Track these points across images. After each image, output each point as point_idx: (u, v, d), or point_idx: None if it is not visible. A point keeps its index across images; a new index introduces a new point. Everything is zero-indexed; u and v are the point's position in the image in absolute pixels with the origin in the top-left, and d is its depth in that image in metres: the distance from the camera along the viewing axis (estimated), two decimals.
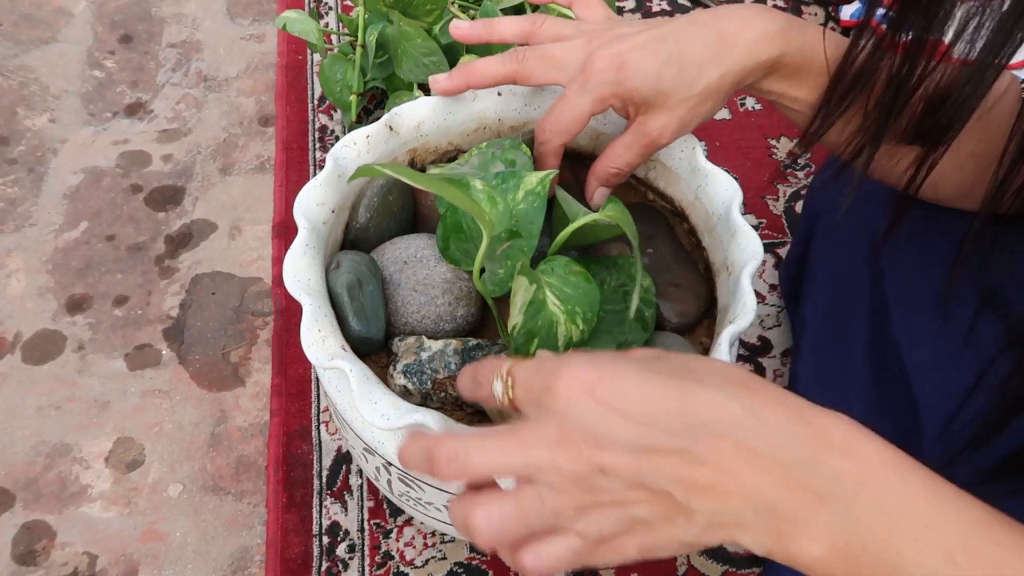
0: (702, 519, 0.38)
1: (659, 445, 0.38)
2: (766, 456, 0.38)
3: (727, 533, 0.39)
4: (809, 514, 0.38)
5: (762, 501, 0.38)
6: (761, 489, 0.38)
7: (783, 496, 0.38)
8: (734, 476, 0.38)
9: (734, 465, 0.38)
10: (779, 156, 1.04)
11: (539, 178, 0.60)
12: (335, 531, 0.72)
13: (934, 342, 0.60)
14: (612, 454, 0.38)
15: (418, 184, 0.50)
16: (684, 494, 0.38)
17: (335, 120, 1.03)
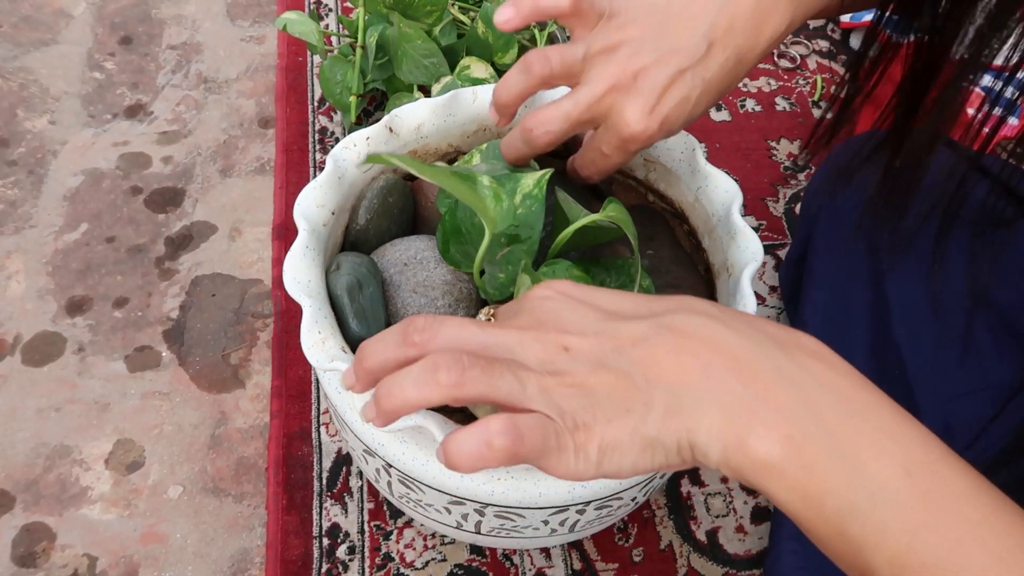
0: (660, 405, 0.37)
1: (623, 325, 0.39)
2: (730, 341, 0.38)
3: (684, 424, 0.37)
4: (769, 397, 0.37)
5: (720, 383, 0.37)
6: (721, 369, 0.37)
7: (744, 378, 0.37)
8: (695, 356, 0.37)
9: (696, 347, 0.38)
10: (779, 158, 1.04)
11: (535, 179, 0.59)
12: (335, 533, 0.72)
13: (935, 346, 0.60)
14: (577, 336, 0.39)
15: (424, 175, 0.50)
16: (642, 375, 0.38)
17: (335, 122, 1.03)
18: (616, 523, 0.74)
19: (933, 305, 0.61)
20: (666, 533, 0.74)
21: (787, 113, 1.09)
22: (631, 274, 0.61)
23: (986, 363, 0.57)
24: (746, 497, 0.77)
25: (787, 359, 0.38)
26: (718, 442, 0.37)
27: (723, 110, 1.09)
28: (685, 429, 0.37)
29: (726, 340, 0.38)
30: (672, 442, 0.37)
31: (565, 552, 0.72)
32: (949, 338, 0.59)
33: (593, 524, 0.61)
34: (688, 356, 0.37)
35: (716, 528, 0.75)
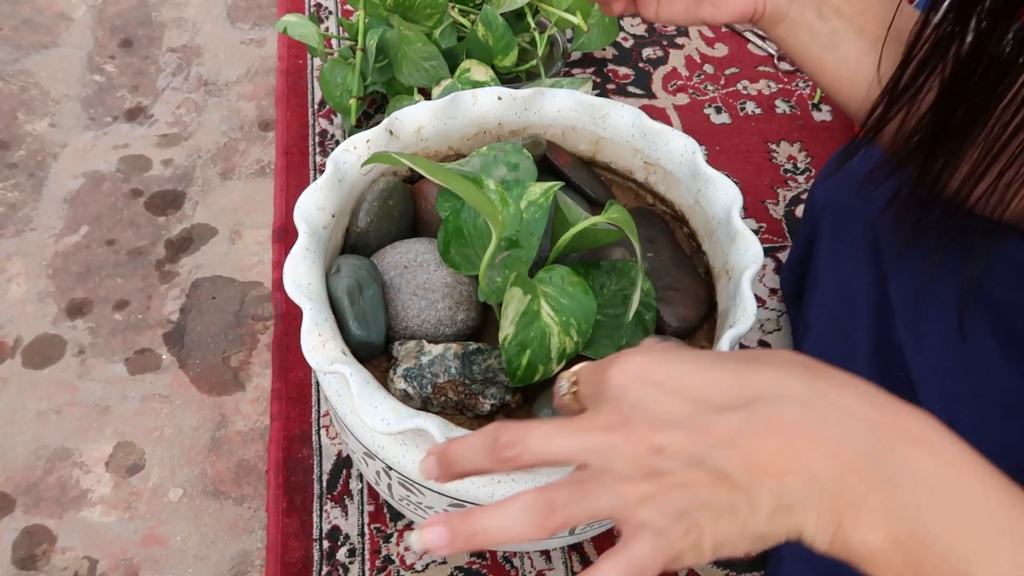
0: (766, 504, 0.36)
1: (715, 420, 0.37)
2: (830, 435, 0.37)
3: (792, 519, 0.36)
4: (874, 499, 0.36)
5: (825, 482, 0.36)
6: (824, 469, 0.36)
7: (847, 478, 0.36)
8: (795, 454, 0.36)
9: (795, 442, 0.36)
10: (779, 160, 1.04)
11: (543, 189, 0.60)
12: (335, 535, 0.72)
13: (939, 347, 0.59)
14: (667, 433, 0.38)
15: (432, 176, 0.50)
16: (744, 474, 0.36)
17: (335, 124, 1.03)
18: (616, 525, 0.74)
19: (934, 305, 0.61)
20: None
21: (787, 116, 1.09)
22: (632, 277, 0.61)
23: (991, 365, 0.57)
24: None
25: (889, 454, 0.37)
26: (825, 537, 0.37)
27: (723, 113, 1.09)
28: (793, 526, 0.37)
29: (824, 435, 0.37)
30: (782, 535, 0.37)
31: (565, 555, 0.72)
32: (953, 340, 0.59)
33: (593, 526, 0.61)
34: (788, 453, 0.36)
35: None
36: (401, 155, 0.51)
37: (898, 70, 0.55)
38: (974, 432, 0.53)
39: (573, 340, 0.56)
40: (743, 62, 1.16)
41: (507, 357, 0.54)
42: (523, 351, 0.54)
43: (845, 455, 0.36)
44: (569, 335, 0.55)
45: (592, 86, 1.05)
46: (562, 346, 0.55)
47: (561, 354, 0.56)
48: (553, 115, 0.70)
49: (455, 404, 0.57)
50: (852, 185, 0.72)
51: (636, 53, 1.16)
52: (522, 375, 0.55)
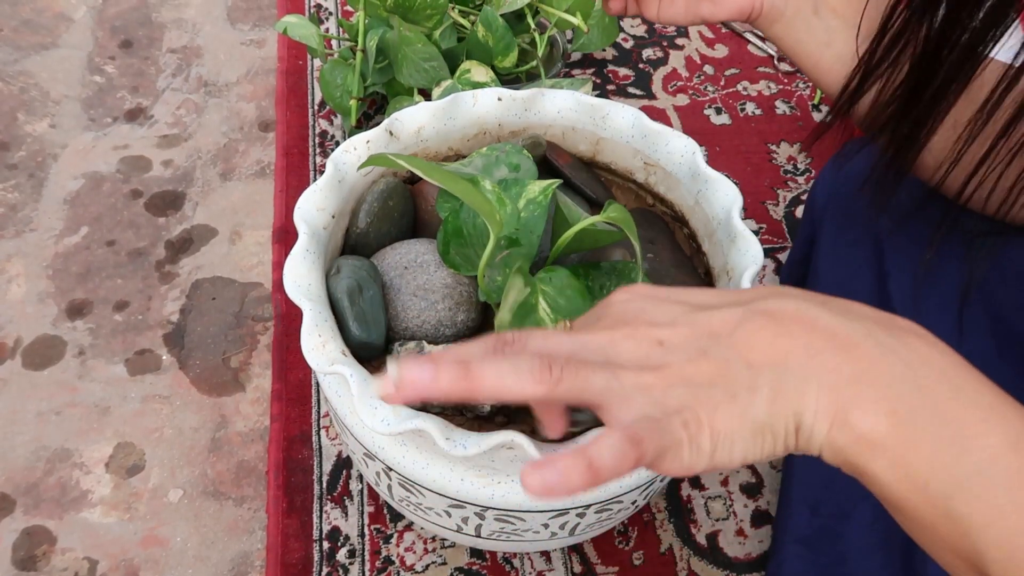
0: (765, 388, 0.36)
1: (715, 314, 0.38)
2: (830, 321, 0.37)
3: (790, 403, 0.36)
4: (873, 373, 0.36)
5: (826, 360, 0.36)
6: (824, 349, 0.36)
7: (846, 358, 0.36)
8: (795, 338, 0.37)
9: (794, 329, 0.37)
10: (779, 161, 1.04)
11: (542, 187, 0.60)
12: (335, 536, 0.72)
13: None
14: (669, 329, 0.38)
15: (429, 177, 0.50)
16: (743, 360, 0.37)
17: (335, 125, 1.03)
18: (616, 526, 0.74)
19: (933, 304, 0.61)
20: (666, 536, 0.74)
21: (787, 117, 1.09)
22: (632, 278, 0.61)
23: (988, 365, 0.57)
24: (746, 500, 0.77)
25: (889, 336, 0.37)
26: (823, 420, 0.36)
27: (723, 113, 1.09)
28: (792, 411, 0.36)
29: (824, 320, 0.37)
30: (780, 426, 0.37)
31: (565, 555, 0.72)
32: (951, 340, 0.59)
33: (593, 527, 0.61)
34: (787, 338, 0.37)
35: (716, 531, 0.75)
36: (398, 156, 0.51)
37: (872, 43, 0.56)
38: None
39: None
40: (743, 63, 1.16)
41: None
42: None
43: (845, 336, 0.37)
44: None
45: (592, 87, 1.05)
46: None
47: None
48: (553, 116, 0.70)
49: (455, 405, 0.57)
50: (853, 185, 0.72)
51: (636, 54, 1.16)
52: None
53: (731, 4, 0.61)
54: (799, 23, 0.60)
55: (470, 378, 0.36)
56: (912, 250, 0.64)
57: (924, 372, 0.36)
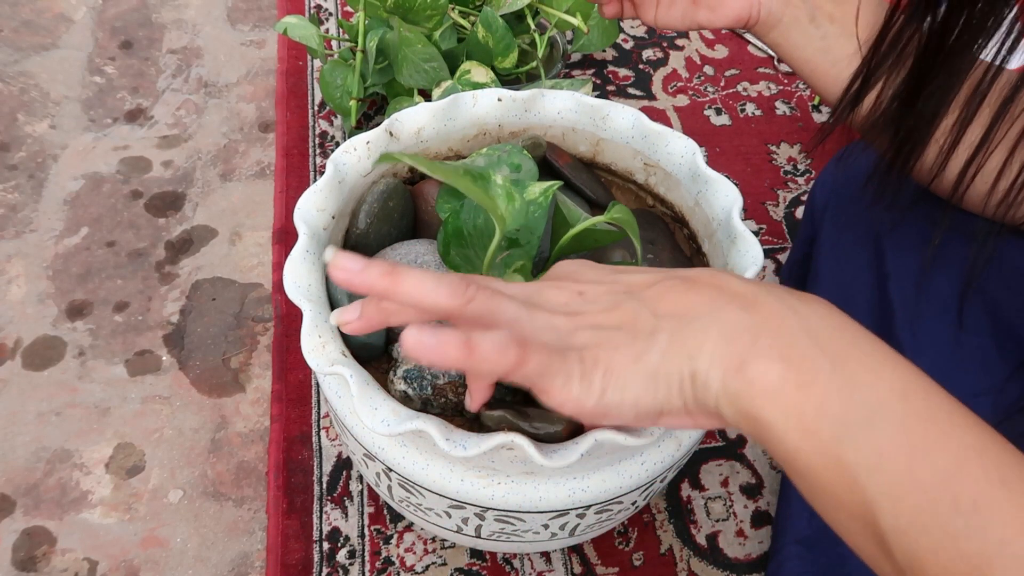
0: (665, 333, 0.38)
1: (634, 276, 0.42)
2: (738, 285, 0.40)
3: (687, 348, 0.38)
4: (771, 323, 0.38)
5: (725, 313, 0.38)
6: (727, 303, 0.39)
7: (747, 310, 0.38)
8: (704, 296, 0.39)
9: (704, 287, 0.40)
10: (779, 162, 1.04)
11: (542, 188, 0.60)
12: (335, 537, 0.72)
13: (937, 347, 0.60)
14: (592, 284, 0.42)
15: (434, 173, 0.50)
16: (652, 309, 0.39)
17: (335, 126, 1.03)
18: (616, 527, 0.74)
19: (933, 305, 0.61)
20: (666, 537, 0.74)
21: (787, 117, 1.09)
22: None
23: (989, 369, 0.57)
24: (746, 501, 0.77)
25: (792, 297, 0.39)
26: (718, 367, 0.37)
27: (723, 114, 1.09)
28: (687, 355, 0.38)
29: (734, 284, 0.40)
30: (675, 372, 0.38)
31: (565, 556, 0.72)
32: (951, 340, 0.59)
33: (593, 528, 0.61)
34: (695, 294, 0.39)
35: (716, 532, 0.75)
36: (404, 155, 0.51)
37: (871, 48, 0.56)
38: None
39: None
40: (743, 64, 1.16)
41: None
42: None
43: (751, 296, 0.39)
44: None
45: (592, 87, 1.05)
46: None
47: None
48: (553, 116, 0.70)
49: (455, 406, 0.57)
50: (853, 186, 0.72)
51: (636, 55, 1.16)
52: None
53: (729, 12, 0.62)
54: (796, 30, 0.61)
55: (393, 276, 0.38)
56: (912, 251, 0.64)
57: (821, 326, 0.38)
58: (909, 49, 0.55)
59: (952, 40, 0.52)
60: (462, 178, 0.50)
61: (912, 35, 0.55)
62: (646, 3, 0.64)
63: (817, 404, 0.36)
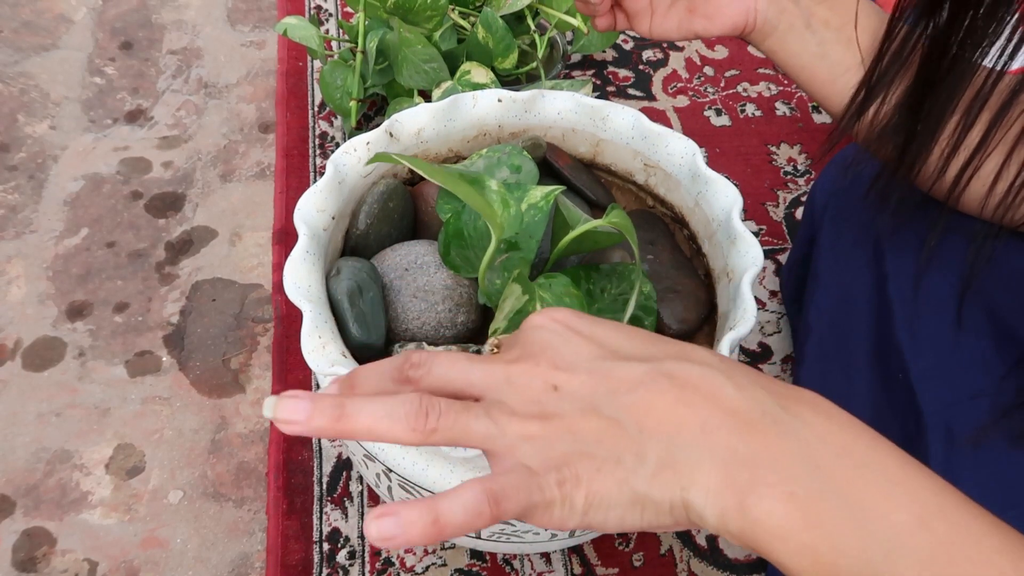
0: (653, 458, 0.35)
1: (619, 367, 0.37)
2: (729, 394, 0.36)
3: (678, 481, 0.34)
4: (770, 455, 0.34)
5: (719, 440, 0.35)
6: (719, 427, 0.35)
7: (744, 436, 0.35)
8: (692, 409, 0.35)
9: (694, 399, 0.35)
10: (779, 163, 1.04)
11: (544, 193, 0.60)
12: (335, 538, 0.72)
13: (936, 349, 0.60)
14: (568, 373, 0.37)
15: (432, 177, 0.50)
16: (636, 424, 0.35)
17: (335, 127, 1.03)
18: None
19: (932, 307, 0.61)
20: (666, 538, 0.74)
21: (787, 118, 1.09)
22: (632, 280, 0.61)
23: (988, 370, 0.57)
24: None
25: (786, 414, 0.36)
26: (715, 504, 0.34)
27: (723, 115, 1.09)
28: (679, 486, 0.35)
29: (725, 394, 0.36)
30: (664, 499, 0.35)
31: (565, 557, 0.72)
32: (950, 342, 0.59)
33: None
34: (685, 408, 0.35)
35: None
36: (402, 156, 0.51)
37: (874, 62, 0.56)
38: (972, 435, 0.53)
39: None
40: (743, 64, 1.16)
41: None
42: None
43: (744, 413, 0.35)
44: None
45: (592, 88, 1.05)
46: None
47: None
48: (553, 117, 0.70)
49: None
50: (852, 187, 0.72)
51: (636, 55, 1.16)
52: None
53: (725, 20, 0.62)
54: (792, 37, 0.61)
55: (344, 420, 0.35)
56: (911, 252, 0.64)
57: (822, 450, 0.35)
58: (913, 58, 0.55)
59: (955, 48, 0.52)
60: (460, 183, 0.50)
61: (915, 44, 0.55)
62: (640, 14, 0.64)
63: (831, 543, 0.33)
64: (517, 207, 0.58)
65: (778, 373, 0.84)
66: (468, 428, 0.36)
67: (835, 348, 0.70)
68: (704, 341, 0.64)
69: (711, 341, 0.64)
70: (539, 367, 0.37)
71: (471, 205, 0.52)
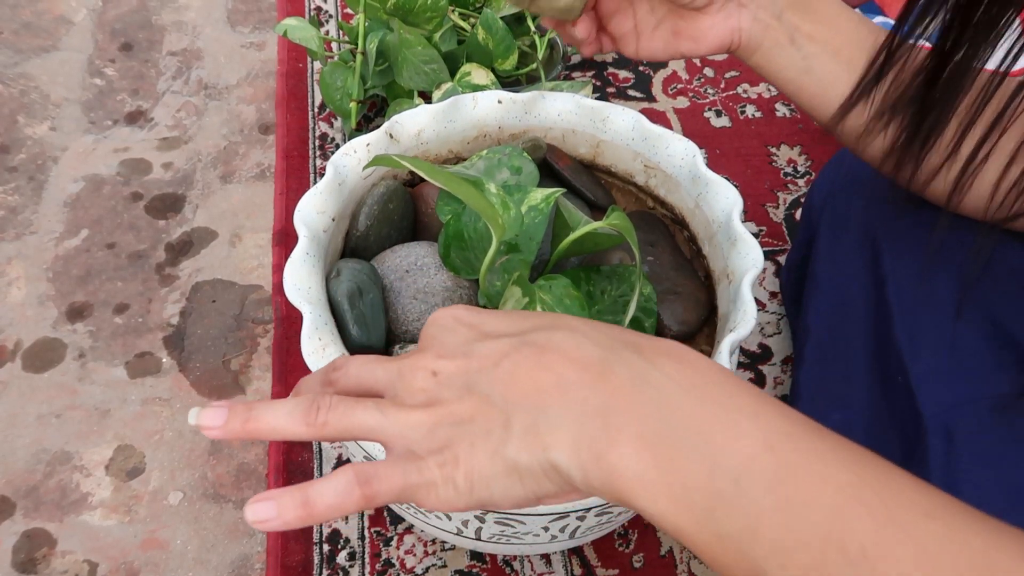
0: (518, 425, 0.36)
1: (485, 346, 0.39)
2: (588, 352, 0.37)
3: (541, 440, 0.35)
4: (622, 403, 0.35)
5: (575, 396, 0.36)
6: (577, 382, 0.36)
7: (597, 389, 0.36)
8: (552, 372, 0.37)
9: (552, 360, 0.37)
10: (779, 164, 1.04)
11: (544, 195, 0.60)
12: (335, 539, 0.72)
13: (935, 351, 0.60)
14: (445, 360, 0.39)
15: (433, 179, 0.50)
16: (502, 395, 0.37)
17: (335, 128, 1.03)
18: (617, 529, 0.74)
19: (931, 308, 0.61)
20: (667, 539, 0.74)
21: (787, 119, 1.09)
22: (632, 281, 0.61)
23: (986, 372, 0.57)
24: None
25: (644, 363, 0.37)
26: (576, 459, 0.35)
27: (723, 116, 1.09)
28: (542, 447, 0.36)
29: (583, 351, 0.37)
30: (536, 465, 0.36)
31: (566, 558, 0.72)
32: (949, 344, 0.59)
33: (594, 530, 0.61)
34: (543, 371, 0.37)
35: None
36: (402, 158, 0.51)
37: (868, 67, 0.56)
38: (971, 437, 0.53)
39: None
40: (743, 66, 1.16)
41: None
42: None
43: (600, 367, 0.36)
44: None
45: (592, 89, 1.05)
46: None
47: None
48: (553, 118, 0.70)
49: None
50: (850, 187, 0.72)
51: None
52: None
53: (710, 42, 0.62)
54: (777, 53, 0.61)
55: (251, 421, 0.38)
56: (910, 253, 0.64)
57: (676, 392, 0.36)
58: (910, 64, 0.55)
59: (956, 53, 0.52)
60: (461, 185, 0.50)
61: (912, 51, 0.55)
62: (626, 37, 0.64)
63: (682, 480, 0.34)
64: (517, 209, 0.58)
65: (778, 374, 0.84)
66: (356, 420, 0.38)
67: (834, 350, 0.70)
68: (704, 342, 0.64)
69: (711, 342, 0.64)
70: (424, 359, 0.39)
71: (472, 206, 0.52)
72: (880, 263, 0.66)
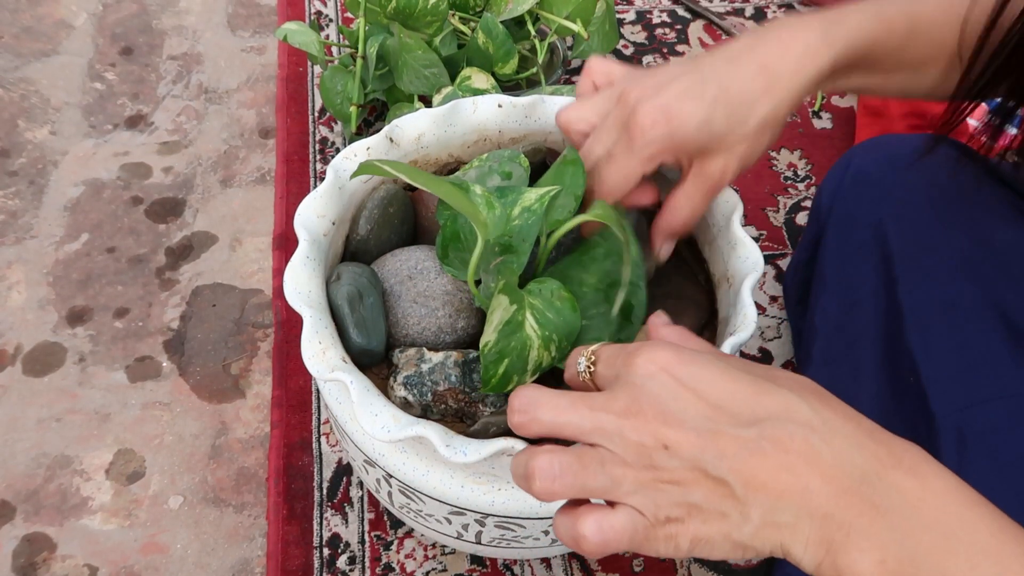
0: (756, 516, 0.38)
1: (725, 430, 0.39)
2: (829, 461, 0.38)
3: (779, 536, 0.38)
4: (863, 523, 0.37)
5: (818, 504, 0.37)
6: (819, 491, 0.37)
7: (840, 502, 0.37)
8: (795, 474, 0.38)
9: (796, 464, 0.38)
10: (779, 168, 1.04)
11: (538, 196, 0.59)
12: (336, 543, 0.72)
13: (948, 352, 0.59)
14: (678, 431, 0.39)
15: (416, 182, 0.50)
16: (742, 485, 0.38)
17: (336, 132, 1.03)
18: None
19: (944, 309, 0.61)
20: None
21: (788, 124, 1.09)
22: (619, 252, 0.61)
23: (1002, 371, 0.56)
24: None
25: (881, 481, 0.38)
26: (813, 557, 0.37)
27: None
28: (780, 540, 0.38)
29: (824, 460, 0.38)
30: (767, 547, 0.38)
31: (566, 562, 0.72)
32: (962, 344, 0.59)
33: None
34: (787, 473, 0.38)
35: None
36: (385, 163, 0.51)
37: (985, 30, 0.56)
38: (985, 438, 0.53)
39: (551, 355, 0.55)
40: None
41: (485, 363, 0.54)
42: (501, 360, 0.54)
43: (841, 480, 0.38)
44: (548, 350, 0.55)
45: None
46: (539, 360, 0.55)
47: (537, 367, 0.55)
48: (553, 122, 0.70)
49: (455, 412, 0.57)
50: (858, 187, 0.72)
51: (636, 60, 1.16)
52: (496, 383, 0.55)
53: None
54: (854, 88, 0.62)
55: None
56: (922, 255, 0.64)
57: (914, 519, 0.37)
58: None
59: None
60: (445, 187, 0.50)
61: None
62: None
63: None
64: (502, 208, 0.58)
65: None
66: (587, 486, 0.39)
67: (842, 350, 0.70)
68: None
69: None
70: (650, 423, 0.39)
71: (454, 206, 0.52)
72: (890, 263, 0.66)
